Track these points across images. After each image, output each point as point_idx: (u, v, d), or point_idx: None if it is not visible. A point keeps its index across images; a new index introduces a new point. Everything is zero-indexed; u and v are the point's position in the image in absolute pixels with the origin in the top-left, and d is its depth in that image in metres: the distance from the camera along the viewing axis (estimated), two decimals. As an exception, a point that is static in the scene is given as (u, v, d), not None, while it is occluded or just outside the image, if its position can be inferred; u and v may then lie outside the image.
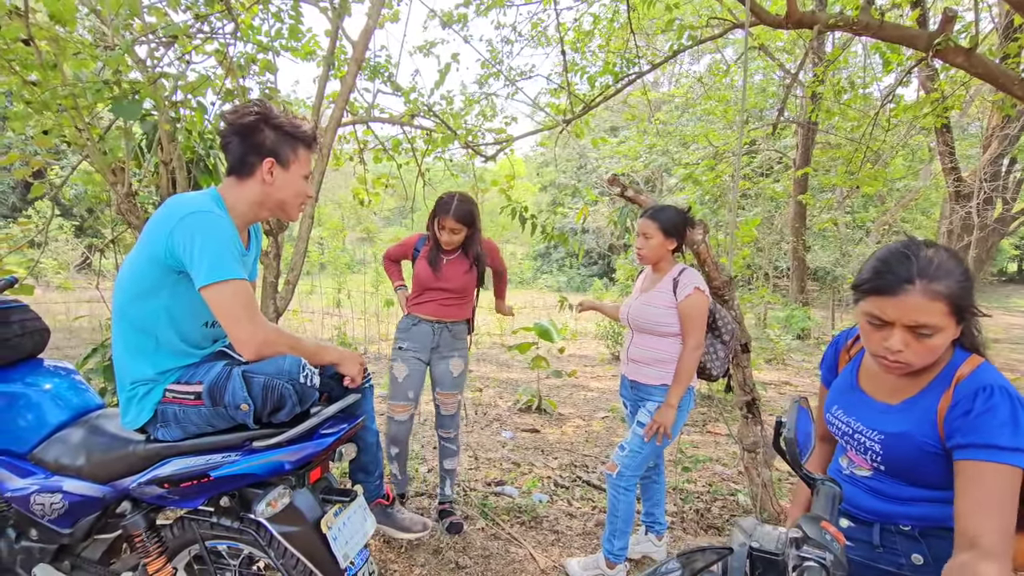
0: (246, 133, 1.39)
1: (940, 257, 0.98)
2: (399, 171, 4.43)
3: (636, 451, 2.20)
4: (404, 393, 2.56)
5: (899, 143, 6.01)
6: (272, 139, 1.41)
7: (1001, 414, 0.95)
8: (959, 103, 4.65)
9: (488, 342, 9.15)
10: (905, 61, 4.23)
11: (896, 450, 1.06)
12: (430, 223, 2.58)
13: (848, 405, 1.18)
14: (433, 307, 2.61)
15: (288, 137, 1.43)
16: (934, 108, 4.26)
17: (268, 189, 1.43)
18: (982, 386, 0.98)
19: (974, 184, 8.01)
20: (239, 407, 1.30)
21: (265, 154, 1.40)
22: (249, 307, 1.29)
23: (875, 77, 6.11)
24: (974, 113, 10.82)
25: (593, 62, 4.87)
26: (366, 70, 4.07)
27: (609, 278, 18.17)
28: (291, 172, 1.45)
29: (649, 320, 2.22)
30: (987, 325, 4.61)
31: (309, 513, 1.41)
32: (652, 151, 9.64)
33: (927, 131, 9.13)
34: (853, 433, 1.15)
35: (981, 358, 1.04)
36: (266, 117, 1.39)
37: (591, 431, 4.63)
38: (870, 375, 1.17)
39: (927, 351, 1.00)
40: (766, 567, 0.68)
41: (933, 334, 0.98)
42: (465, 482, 3.33)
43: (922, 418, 1.03)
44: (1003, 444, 0.93)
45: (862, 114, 5.17)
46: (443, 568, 2.38)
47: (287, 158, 1.44)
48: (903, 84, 4.58)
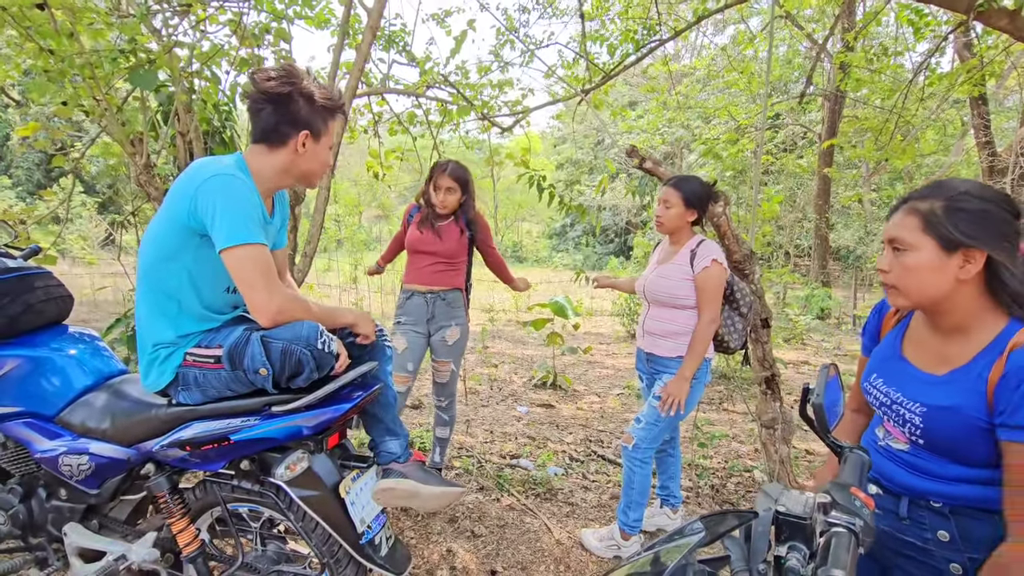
0: (280, 102, 1.36)
1: (952, 184, 0.96)
2: (414, 144, 4.39)
3: (652, 423, 2.18)
4: (403, 365, 2.58)
5: (931, 116, 5.78)
6: (307, 111, 1.38)
7: None
8: (999, 70, 4.43)
9: (503, 319, 9.17)
10: (942, 26, 4.03)
11: (939, 424, 0.99)
12: (425, 188, 2.64)
13: (889, 374, 1.11)
14: (424, 274, 2.61)
15: (322, 109, 1.41)
16: (971, 76, 4.06)
17: (297, 159, 1.41)
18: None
19: (1009, 159, 7.71)
20: (258, 371, 1.31)
21: (301, 126, 1.38)
22: (267, 273, 1.29)
23: (907, 47, 5.85)
24: (1011, 85, 10.35)
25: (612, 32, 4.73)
26: (381, 39, 4.01)
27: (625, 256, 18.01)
28: (321, 144, 1.44)
29: (665, 292, 2.19)
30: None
31: (327, 478, 1.42)
32: (672, 125, 9.42)
33: (959, 104, 8.77)
34: (892, 404, 1.08)
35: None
36: (297, 84, 1.36)
37: (606, 407, 4.63)
38: (915, 343, 1.10)
39: (903, 271, 0.98)
40: (792, 531, 0.66)
41: (905, 250, 0.98)
42: (481, 454, 3.36)
43: (971, 389, 0.95)
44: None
45: (894, 83, 4.95)
46: (459, 536, 2.41)
47: (319, 130, 1.42)
48: (939, 52, 4.38)
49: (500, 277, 2.93)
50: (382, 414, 1.59)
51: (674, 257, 2.21)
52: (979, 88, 4.64)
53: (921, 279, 0.97)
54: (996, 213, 0.93)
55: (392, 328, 2.66)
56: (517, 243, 26.65)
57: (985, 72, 4.09)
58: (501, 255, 2.87)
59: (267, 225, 1.46)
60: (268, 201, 1.48)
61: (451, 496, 1.56)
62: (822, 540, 0.64)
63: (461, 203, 2.60)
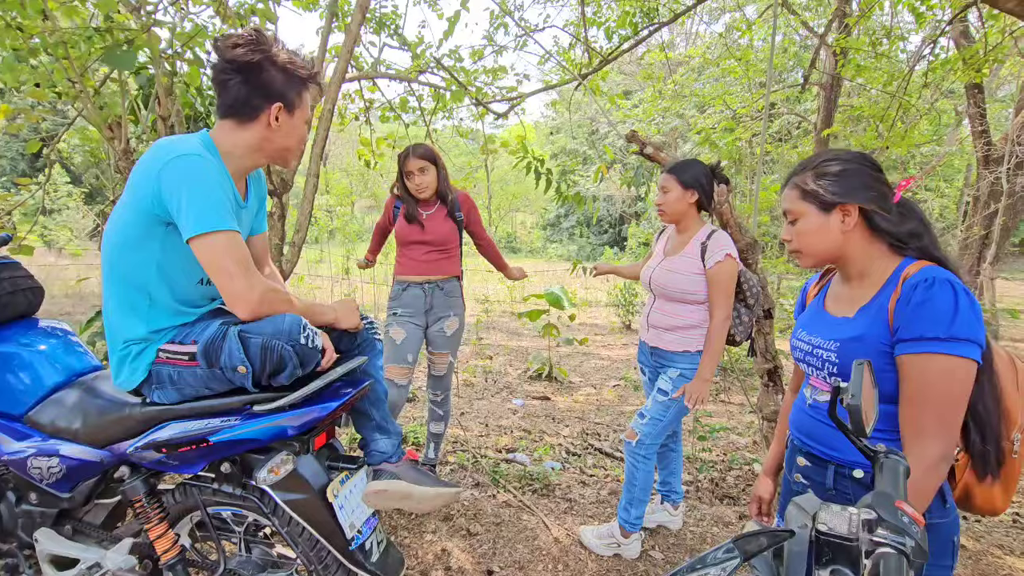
0: (250, 72, 1.25)
1: (819, 154, 1.12)
2: (406, 131, 4.27)
3: (657, 419, 2.11)
4: (403, 356, 2.48)
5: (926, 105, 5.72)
6: (280, 81, 1.27)
7: (938, 304, 0.96)
8: (1002, 55, 4.36)
9: (499, 310, 9.09)
10: (945, 10, 3.94)
11: (851, 356, 1.07)
12: (398, 183, 2.56)
13: (810, 325, 1.20)
14: (419, 264, 2.53)
15: (296, 79, 1.30)
16: (973, 61, 3.99)
17: (271, 135, 1.30)
18: (924, 278, 0.99)
19: (1004, 148, 7.67)
20: (236, 369, 1.21)
21: (274, 98, 1.27)
22: (242, 261, 1.19)
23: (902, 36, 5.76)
24: (1004, 76, 10.31)
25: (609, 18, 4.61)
26: (371, 22, 3.87)
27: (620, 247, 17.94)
28: (296, 117, 1.33)
29: (675, 288, 2.10)
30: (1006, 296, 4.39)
31: (314, 480, 1.34)
32: (667, 114, 9.31)
33: (954, 93, 8.70)
34: (813, 350, 1.15)
35: (928, 263, 1.04)
36: (268, 52, 1.25)
37: (602, 399, 4.57)
38: (833, 297, 1.19)
39: (799, 236, 1.13)
40: (836, 553, 0.58)
41: (795, 220, 1.13)
42: (476, 449, 3.29)
43: (875, 319, 1.05)
44: (939, 335, 0.95)
45: (893, 70, 4.88)
46: (454, 535, 2.34)
47: (293, 102, 1.31)
48: (943, 35, 4.30)
49: (494, 264, 2.83)
50: (372, 411, 1.51)
51: (683, 249, 2.11)
52: (979, 75, 4.57)
53: (813, 239, 1.12)
54: (855, 170, 1.08)
55: (387, 320, 2.57)
56: (511, 234, 26.52)
57: (989, 57, 4.01)
58: (492, 240, 2.78)
59: (241, 209, 1.35)
60: (241, 183, 1.38)
61: (446, 497, 1.48)
62: (868, 563, 0.57)
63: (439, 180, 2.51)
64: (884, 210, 1.07)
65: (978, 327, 0.95)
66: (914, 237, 1.08)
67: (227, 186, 1.23)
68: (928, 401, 0.96)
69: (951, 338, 0.94)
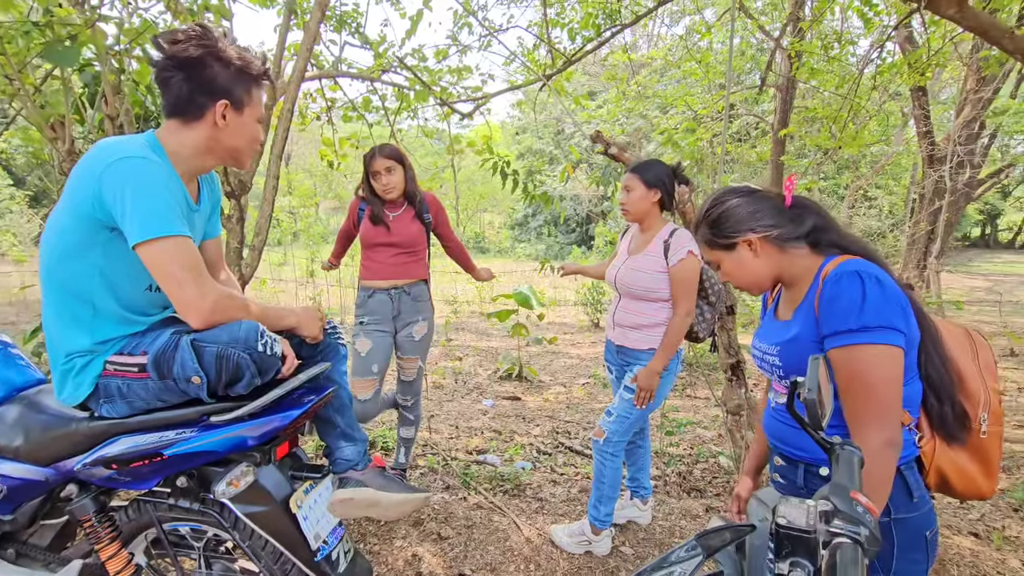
0: (192, 68, 1.19)
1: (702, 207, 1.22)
2: (370, 131, 4.20)
3: (624, 416, 2.13)
4: (368, 368, 2.43)
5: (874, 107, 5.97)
6: (225, 77, 1.22)
7: (846, 297, 0.99)
8: (945, 59, 4.58)
9: (467, 310, 9.05)
10: (890, 16, 4.12)
11: (789, 357, 1.10)
12: (364, 184, 2.51)
13: (761, 333, 1.24)
14: (385, 268, 2.47)
15: (242, 75, 1.24)
16: (917, 65, 4.19)
17: (219, 134, 1.25)
18: (835, 274, 1.02)
19: (947, 148, 8.08)
20: (190, 380, 1.16)
21: (218, 95, 1.22)
22: (193, 268, 1.14)
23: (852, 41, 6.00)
24: (946, 79, 10.87)
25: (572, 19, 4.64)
26: (331, 20, 3.80)
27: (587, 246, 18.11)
28: (245, 115, 1.27)
29: (639, 286, 2.13)
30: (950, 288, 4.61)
31: (276, 491, 1.30)
32: (631, 115, 9.45)
33: (901, 96, 9.13)
34: (763, 356, 1.19)
35: (852, 256, 1.07)
36: (212, 47, 1.19)
37: (572, 397, 4.61)
38: (782, 303, 1.22)
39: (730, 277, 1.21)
40: (795, 546, 0.59)
41: (718, 265, 1.22)
42: (446, 451, 3.26)
43: (806, 318, 1.08)
44: (851, 326, 0.97)
45: (843, 73, 5.07)
46: (425, 540, 2.32)
47: (241, 99, 1.25)
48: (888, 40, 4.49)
49: (461, 265, 2.81)
50: (337, 418, 1.47)
51: (646, 247, 2.14)
52: (923, 79, 4.80)
53: (740, 276, 1.19)
54: (734, 206, 1.15)
55: (354, 330, 2.51)
56: (479, 234, 26.46)
57: (932, 62, 4.22)
58: (461, 242, 2.75)
59: (193, 213, 1.30)
60: (192, 185, 1.32)
61: (415, 503, 1.46)
62: (826, 554, 0.58)
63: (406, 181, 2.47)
64: (776, 225, 1.12)
65: (889, 311, 0.97)
66: (821, 232, 1.12)
67: (175, 189, 1.18)
68: (858, 392, 0.97)
69: (862, 328, 0.96)
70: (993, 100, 7.90)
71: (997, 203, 23.54)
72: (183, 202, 1.24)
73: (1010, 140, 12.94)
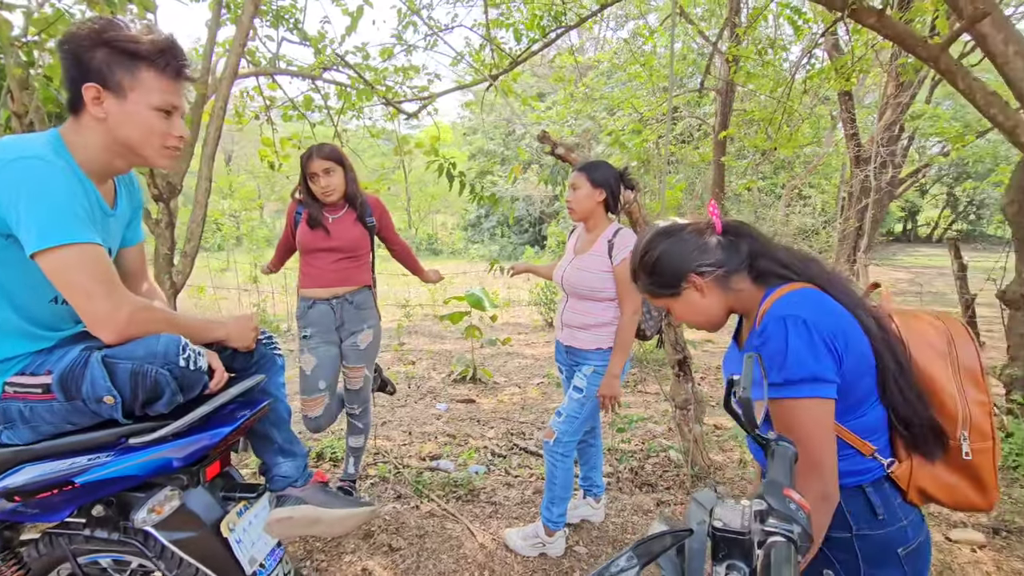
0: (75, 55, 1.07)
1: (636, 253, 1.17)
2: (312, 131, 4.06)
3: (573, 416, 2.14)
4: (314, 386, 2.35)
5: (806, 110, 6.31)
6: (100, 58, 1.07)
7: (771, 347, 0.95)
8: (867, 66, 4.88)
9: (420, 313, 8.93)
10: (818, 24, 4.35)
11: None
12: (301, 186, 2.38)
13: (726, 360, 1.22)
14: (326, 275, 2.35)
15: (120, 54, 1.07)
16: (843, 71, 4.44)
17: (104, 126, 1.11)
18: (766, 318, 0.99)
19: (871, 150, 8.63)
20: (101, 400, 1.07)
21: (90, 78, 1.07)
22: (102, 278, 1.04)
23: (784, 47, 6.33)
24: (869, 84, 11.60)
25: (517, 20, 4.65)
26: (268, 15, 3.64)
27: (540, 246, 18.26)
28: (131, 102, 1.10)
29: (585, 285, 2.14)
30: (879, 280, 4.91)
31: (206, 515, 1.22)
32: (579, 116, 9.60)
33: (830, 100, 9.69)
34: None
35: (791, 287, 1.02)
36: (103, 32, 1.06)
37: (527, 398, 4.61)
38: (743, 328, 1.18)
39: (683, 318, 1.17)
40: (731, 548, 0.59)
41: (668, 310, 1.18)
42: (398, 459, 3.19)
43: None
44: (773, 380, 0.94)
45: (777, 78, 5.32)
46: (375, 552, 2.25)
47: (119, 82, 1.08)
48: (816, 47, 4.74)
49: (408, 268, 2.73)
50: (273, 433, 1.40)
51: (591, 247, 2.16)
52: (848, 84, 5.10)
53: (692, 317, 1.14)
54: (666, 250, 1.10)
55: (299, 345, 2.41)
56: (432, 235, 26.18)
57: (856, 68, 4.48)
58: (408, 244, 2.68)
59: (108, 218, 1.20)
60: (107, 188, 1.21)
61: (359, 518, 1.40)
62: (761, 553, 0.58)
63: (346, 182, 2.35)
64: (716, 263, 1.07)
65: (813, 359, 0.92)
66: (758, 257, 1.07)
67: (80, 192, 1.08)
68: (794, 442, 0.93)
69: (785, 382, 0.93)
70: (911, 105, 8.49)
71: (916, 200, 25.35)
72: (94, 206, 1.14)
73: (926, 142, 13.96)
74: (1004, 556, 2.27)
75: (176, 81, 1.15)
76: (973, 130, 7.90)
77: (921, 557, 1.03)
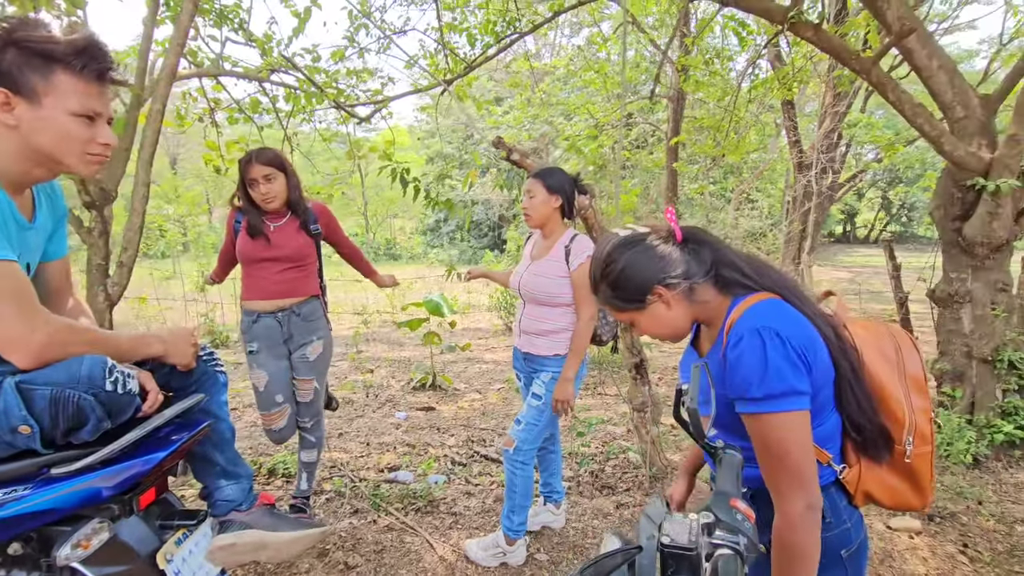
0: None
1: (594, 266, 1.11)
2: (260, 134, 3.92)
3: (532, 424, 2.13)
4: (271, 400, 2.27)
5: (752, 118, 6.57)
6: (10, 62, 1.00)
7: (748, 361, 0.92)
8: (807, 76, 5.12)
9: (378, 320, 8.76)
10: (761, 35, 4.53)
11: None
12: (239, 192, 2.28)
13: (682, 366, 1.19)
14: (269, 285, 2.25)
15: (34, 56, 1.00)
16: (785, 81, 4.64)
17: (17, 135, 1.03)
18: (736, 332, 0.96)
19: (812, 156, 9.07)
20: (16, 430, 0.98)
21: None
22: (16, 297, 0.96)
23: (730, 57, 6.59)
24: (810, 94, 12.20)
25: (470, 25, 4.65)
26: (210, 14, 3.50)
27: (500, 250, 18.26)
28: (45, 107, 1.03)
29: (541, 291, 2.14)
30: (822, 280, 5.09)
31: (140, 546, 1.14)
32: (536, 121, 9.68)
33: (774, 108, 10.14)
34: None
35: (757, 297, 1.00)
36: (13, 33, 0.99)
37: (488, 404, 4.58)
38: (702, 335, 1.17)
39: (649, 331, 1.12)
40: (679, 563, 0.59)
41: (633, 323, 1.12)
42: (354, 471, 3.10)
43: (715, 368, 1.01)
44: (753, 395, 0.92)
45: (725, 87, 5.51)
46: (330, 571, 2.17)
47: (32, 86, 1.01)
48: (760, 57, 4.94)
49: (361, 272, 2.65)
50: (215, 456, 1.33)
51: (548, 253, 2.16)
52: (790, 93, 5.34)
53: (657, 329, 1.10)
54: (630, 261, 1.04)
55: (247, 360, 2.31)
56: (391, 240, 25.80)
57: (797, 78, 4.69)
58: (358, 247, 2.61)
59: (25, 231, 1.11)
60: (23, 199, 1.12)
61: (308, 540, 1.35)
62: (708, 567, 0.58)
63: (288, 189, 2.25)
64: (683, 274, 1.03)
65: (791, 372, 0.91)
66: (721, 266, 1.05)
67: None
68: (772, 458, 0.93)
69: (767, 397, 0.91)
70: (847, 113, 8.97)
71: (854, 204, 26.83)
72: (8, 219, 1.05)
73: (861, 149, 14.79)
74: (938, 541, 2.41)
75: (98, 84, 1.07)
76: (904, 138, 8.41)
77: (861, 557, 1.06)
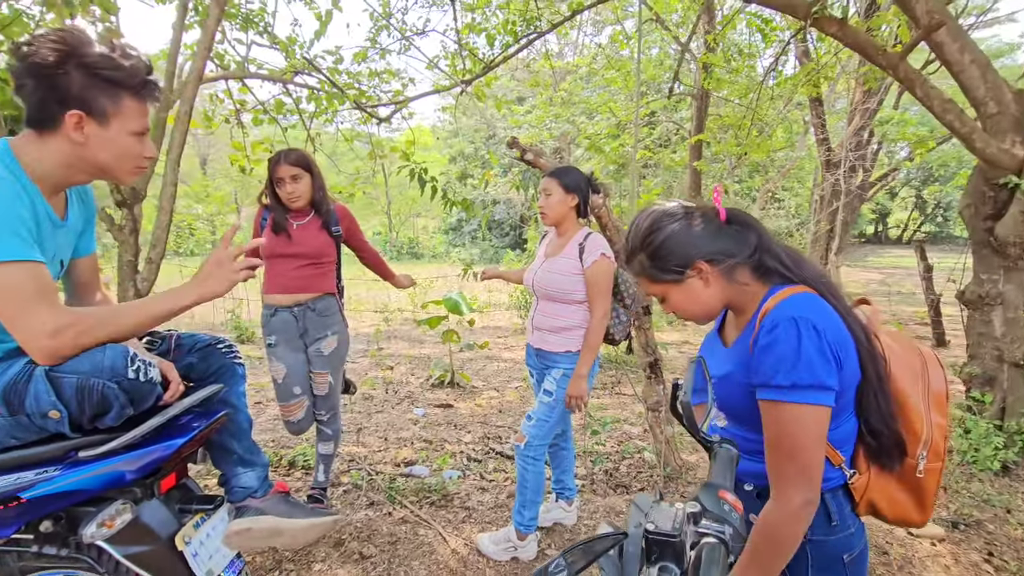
0: (44, 74, 1.06)
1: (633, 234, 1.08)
2: (284, 135, 4.02)
3: (543, 420, 2.15)
4: (290, 391, 2.34)
5: (779, 115, 6.45)
6: (80, 83, 1.06)
7: (780, 349, 0.91)
8: (832, 73, 5.01)
9: (399, 318, 8.87)
10: (786, 32, 4.45)
11: (723, 391, 1.04)
12: (267, 189, 2.36)
13: (705, 352, 1.17)
14: (287, 280, 2.32)
15: (104, 82, 1.08)
16: (810, 77, 4.55)
17: (79, 150, 1.11)
18: (772, 319, 0.94)
19: (841, 154, 8.85)
20: (46, 415, 1.04)
21: (70, 104, 1.07)
22: (35, 298, 1.01)
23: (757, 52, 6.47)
24: (840, 91, 11.91)
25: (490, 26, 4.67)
26: (236, 18, 3.60)
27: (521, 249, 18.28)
28: (112, 129, 1.11)
29: (555, 288, 2.16)
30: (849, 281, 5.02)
31: (161, 528, 1.20)
32: (558, 121, 9.68)
33: (802, 105, 9.92)
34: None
35: (794, 289, 0.99)
36: (73, 52, 1.06)
37: (505, 401, 4.61)
38: (728, 322, 1.15)
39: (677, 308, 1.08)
40: (663, 550, 0.60)
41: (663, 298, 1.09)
42: (372, 465, 3.16)
43: (742, 355, 1.00)
44: (779, 382, 0.91)
45: (749, 83, 5.43)
46: (346, 561, 2.22)
47: (104, 110, 1.10)
48: (784, 54, 4.85)
49: (379, 274, 2.72)
50: (232, 444, 1.38)
51: (562, 250, 2.18)
52: (816, 90, 5.23)
53: (688, 307, 1.06)
54: (675, 231, 1.02)
55: (266, 352, 2.38)
56: (413, 239, 26.04)
57: (822, 75, 4.60)
58: (377, 250, 2.67)
59: (58, 229, 1.17)
60: (57, 199, 1.19)
61: (321, 528, 1.39)
62: (693, 554, 0.59)
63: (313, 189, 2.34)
64: (727, 251, 1.01)
65: (822, 366, 0.90)
66: (763, 252, 1.02)
67: (24, 204, 1.05)
68: (784, 448, 0.92)
69: (793, 386, 0.90)
70: (878, 110, 8.74)
71: (887, 203, 26.07)
72: (42, 218, 1.12)
73: (894, 146, 14.37)
74: (962, 549, 2.34)
75: (150, 104, 1.17)
76: (937, 135, 8.15)
77: (862, 564, 1.05)
